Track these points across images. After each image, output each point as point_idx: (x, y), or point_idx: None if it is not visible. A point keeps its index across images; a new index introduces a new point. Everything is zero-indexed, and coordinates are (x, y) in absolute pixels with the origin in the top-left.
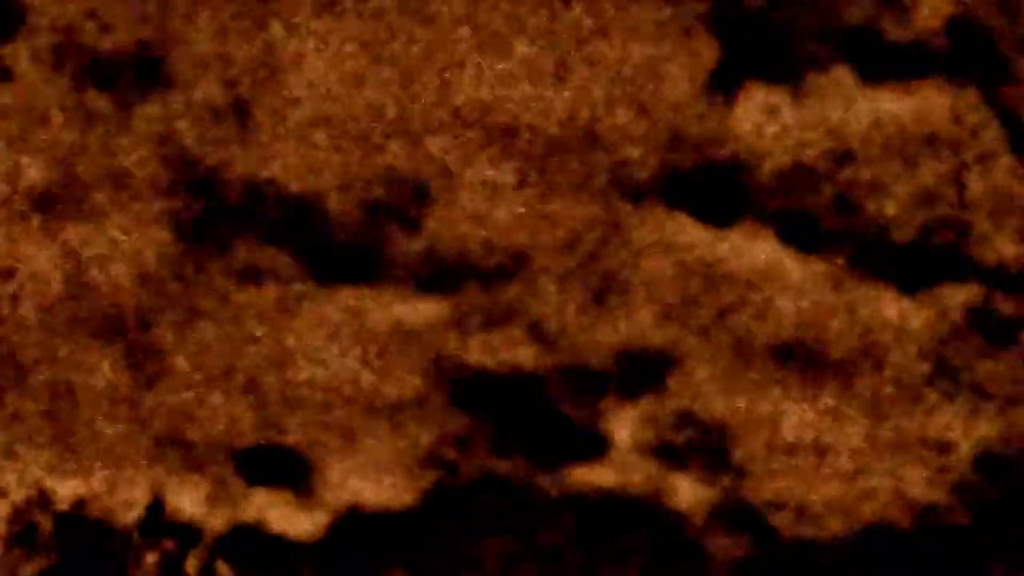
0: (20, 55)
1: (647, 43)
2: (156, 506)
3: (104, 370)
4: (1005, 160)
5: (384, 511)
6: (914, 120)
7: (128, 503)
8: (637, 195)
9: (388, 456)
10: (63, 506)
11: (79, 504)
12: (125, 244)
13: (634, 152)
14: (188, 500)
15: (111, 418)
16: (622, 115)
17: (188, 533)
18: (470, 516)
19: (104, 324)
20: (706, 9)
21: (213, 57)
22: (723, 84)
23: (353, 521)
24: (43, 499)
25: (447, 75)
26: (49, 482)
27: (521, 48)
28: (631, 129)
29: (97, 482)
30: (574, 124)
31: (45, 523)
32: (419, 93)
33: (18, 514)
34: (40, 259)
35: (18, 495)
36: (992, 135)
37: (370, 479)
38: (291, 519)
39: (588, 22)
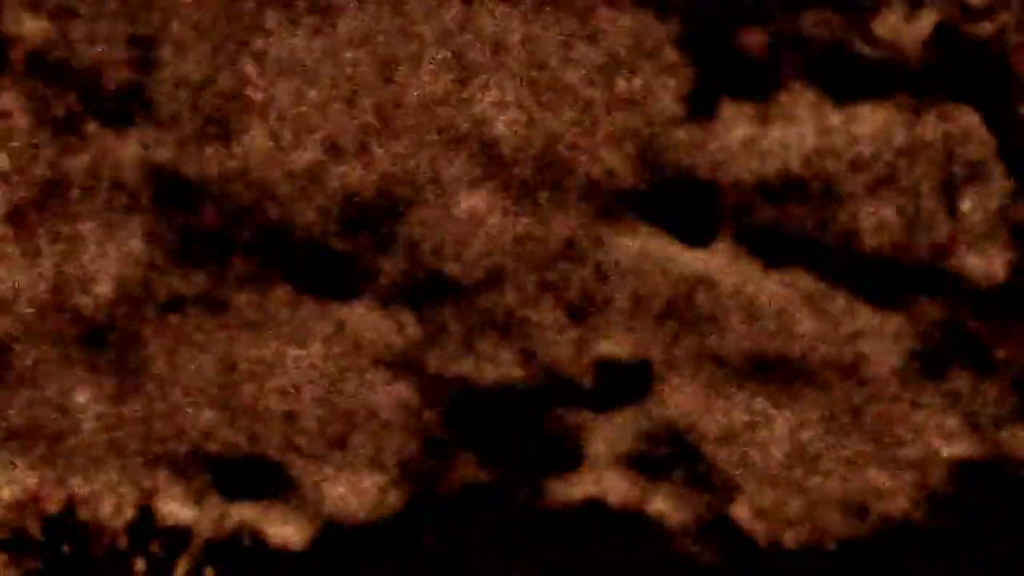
0: (4, 76)
1: (624, 63)
2: (145, 513)
3: (89, 381)
4: (995, 176)
5: (367, 521)
6: (895, 135)
7: (116, 509)
8: (616, 212)
9: (370, 467)
10: (51, 511)
11: (68, 509)
12: (107, 259)
13: (612, 170)
14: (176, 507)
15: (98, 427)
16: (600, 133)
17: (176, 539)
18: (451, 528)
19: (88, 337)
20: (681, 30)
21: (195, 80)
22: (700, 103)
23: (337, 531)
24: (31, 504)
25: (427, 94)
26: (37, 487)
27: (502, 66)
28: (609, 147)
29: (85, 488)
30: (553, 141)
31: (33, 528)
32: (400, 111)
33: (6, 519)
34: (24, 275)
35: (6, 500)
36: (982, 149)
37: (353, 489)
38: (276, 528)
39: (565, 43)
